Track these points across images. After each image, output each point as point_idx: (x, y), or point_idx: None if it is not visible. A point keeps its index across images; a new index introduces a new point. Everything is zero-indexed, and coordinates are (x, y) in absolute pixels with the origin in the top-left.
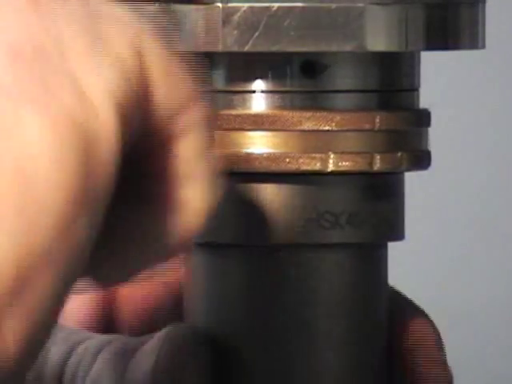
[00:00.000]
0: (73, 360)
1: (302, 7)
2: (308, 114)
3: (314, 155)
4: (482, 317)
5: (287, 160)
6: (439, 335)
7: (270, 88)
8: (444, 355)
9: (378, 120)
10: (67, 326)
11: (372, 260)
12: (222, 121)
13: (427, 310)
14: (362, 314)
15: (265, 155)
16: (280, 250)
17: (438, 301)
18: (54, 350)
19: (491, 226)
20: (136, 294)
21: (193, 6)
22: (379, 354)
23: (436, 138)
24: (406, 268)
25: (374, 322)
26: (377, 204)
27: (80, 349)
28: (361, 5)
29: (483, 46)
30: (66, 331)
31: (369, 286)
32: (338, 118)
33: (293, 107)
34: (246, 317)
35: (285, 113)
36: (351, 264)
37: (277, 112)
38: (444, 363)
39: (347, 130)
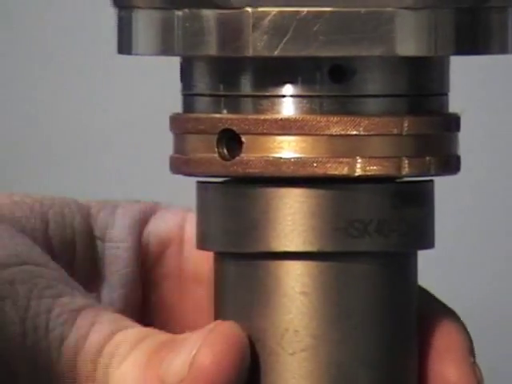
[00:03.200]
0: (108, 349)
1: (332, 11)
2: (336, 118)
3: (341, 160)
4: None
5: (315, 164)
6: (470, 338)
7: (298, 93)
8: (474, 357)
9: (406, 124)
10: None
11: (401, 268)
12: (250, 125)
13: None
14: (391, 325)
15: (292, 160)
16: (307, 257)
17: (473, 307)
18: (94, 334)
19: None
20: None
21: (222, 11)
22: (411, 364)
23: (466, 142)
24: (434, 275)
25: (404, 332)
26: (406, 212)
27: (116, 340)
28: (391, 9)
29: None
30: (111, 316)
31: (398, 294)
32: (365, 122)
33: (320, 112)
34: (274, 323)
35: (312, 117)
36: (379, 273)
37: (305, 116)
38: (473, 365)
39: (375, 135)
